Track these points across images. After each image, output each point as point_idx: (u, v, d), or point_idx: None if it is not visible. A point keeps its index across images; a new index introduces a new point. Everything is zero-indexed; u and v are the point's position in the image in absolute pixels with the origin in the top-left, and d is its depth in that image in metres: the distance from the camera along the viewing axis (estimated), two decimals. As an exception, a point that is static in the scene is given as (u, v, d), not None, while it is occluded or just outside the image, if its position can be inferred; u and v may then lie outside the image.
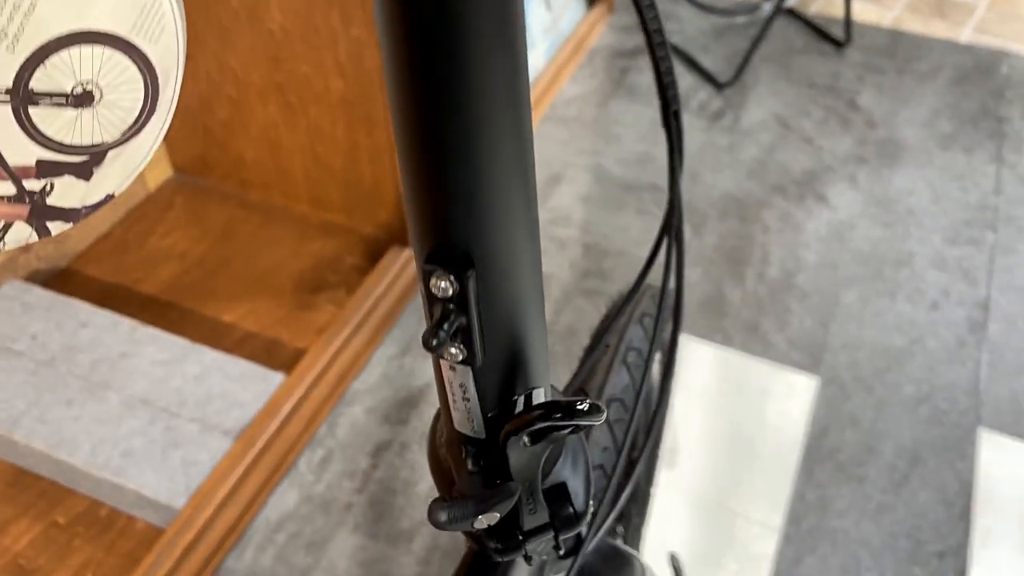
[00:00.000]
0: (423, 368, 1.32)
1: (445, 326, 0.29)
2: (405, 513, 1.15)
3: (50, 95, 0.30)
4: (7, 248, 0.32)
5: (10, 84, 0.29)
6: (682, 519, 1.14)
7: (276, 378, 1.18)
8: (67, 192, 0.32)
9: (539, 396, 0.36)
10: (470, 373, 0.32)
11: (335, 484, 1.18)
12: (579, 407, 0.31)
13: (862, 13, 2.08)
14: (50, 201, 0.32)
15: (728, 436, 1.24)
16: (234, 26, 1.31)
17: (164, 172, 1.59)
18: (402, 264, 1.38)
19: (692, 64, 1.90)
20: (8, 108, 0.29)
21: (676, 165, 0.49)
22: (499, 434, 0.33)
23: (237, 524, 1.11)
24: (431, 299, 0.30)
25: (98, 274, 1.43)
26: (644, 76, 1.89)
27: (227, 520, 1.09)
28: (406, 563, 1.10)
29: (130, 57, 0.31)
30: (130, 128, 0.32)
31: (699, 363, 1.33)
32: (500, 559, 0.39)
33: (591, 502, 0.40)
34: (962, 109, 1.82)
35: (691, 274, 1.47)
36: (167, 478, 1.07)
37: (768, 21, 1.89)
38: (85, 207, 0.33)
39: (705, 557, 1.11)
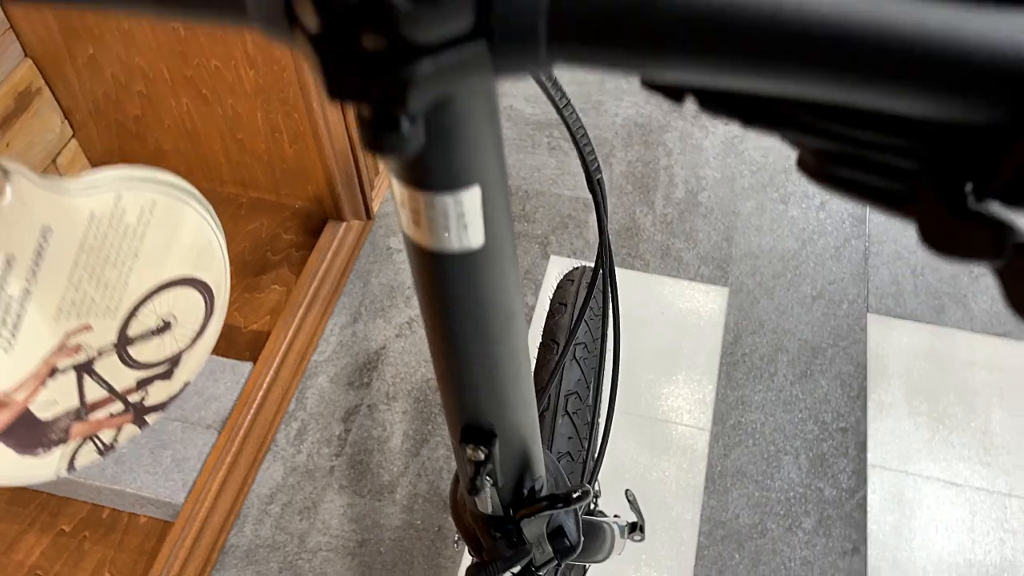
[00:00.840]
0: (375, 332, 1.43)
1: (477, 481, 0.41)
2: (383, 468, 1.28)
3: (141, 335, 0.39)
4: (119, 445, 0.41)
5: (115, 339, 0.38)
6: (626, 437, 1.31)
7: (244, 368, 1.28)
8: (157, 393, 0.42)
9: (540, 482, 0.47)
10: (495, 490, 0.43)
11: (314, 452, 1.30)
12: (575, 496, 0.43)
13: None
14: (146, 403, 0.41)
15: (655, 354, 1.40)
16: (136, 28, 1.31)
17: (82, 167, 1.59)
18: (339, 238, 1.46)
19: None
20: (114, 355, 0.38)
21: (604, 225, 0.60)
22: (514, 512, 0.45)
23: (234, 505, 1.23)
24: (467, 462, 0.41)
25: (41, 285, 1.46)
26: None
27: (225, 504, 1.21)
28: (392, 512, 1.24)
29: (194, 287, 0.40)
30: (197, 334, 0.42)
31: (622, 291, 1.47)
32: None
33: (580, 534, 0.52)
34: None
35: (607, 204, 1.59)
36: (163, 477, 1.17)
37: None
38: (170, 398, 0.42)
39: (651, 466, 1.28)
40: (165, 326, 0.39)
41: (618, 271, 1.50)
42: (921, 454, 1.28)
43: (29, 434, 0.36)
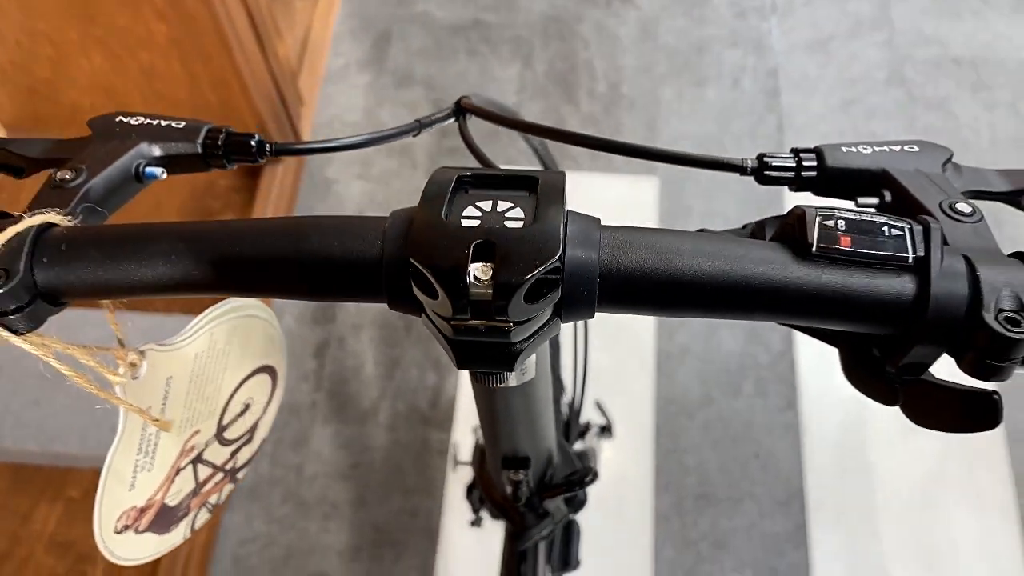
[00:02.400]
0: (330, 264, 1.48)
1: (518, 492, 0.50)
2: (362, 394, 1.38)
3: (231, 420, 0.47)
4: (222, 501, 0.49)
5: (215, 431, 0.45)
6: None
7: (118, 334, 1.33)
8: (244, 455, 0.50)
9: (556, 464, 0.57)
10: (528, 488, 0.53)
11: (295, 389, 1.39)
12: (587, 480, 0.54)
13: None
14: (237, 466, 0.49)
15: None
16: (32, -7, 1.26)
17: (-4, 136, 1.55)
18: (278, 179, 1.48)
19: None
20: (215, 442, 0.46)
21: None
22: (539, 495, 0.55)
23: (231, 450, 1.32)
24: (509, 480, 0.51)
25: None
26: None
27: (223, 451, 1.29)
28: (377, 434, 1.35)
29: (264, 372, 0.48)
30: (268, 404, 0.49)
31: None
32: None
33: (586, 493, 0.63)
34: None
35: (533, 108, 1.63)
36: (161, 438, 1.24)
37: None
38: (253, 455, 0.50)
39: (607, 361, 1.41)
40: (246, 408, 0.47)
41: (553, 175, 1.57)
42: (839, 311, 1.45)
43: (165, 519, 0.44)
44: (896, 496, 1.32)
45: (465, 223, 0.28)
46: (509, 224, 0.28)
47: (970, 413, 0.29)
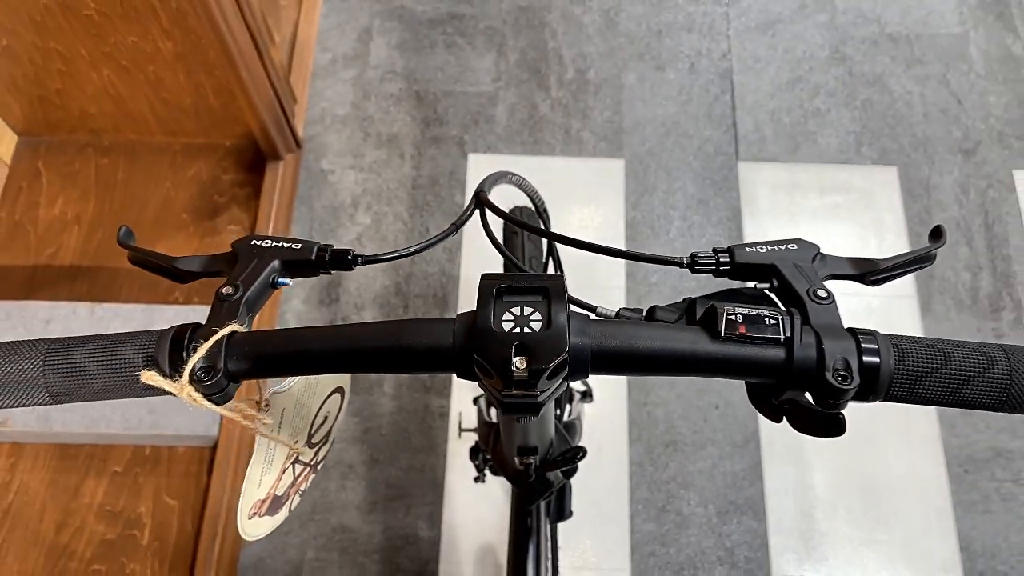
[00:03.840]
0: (330, 250, 1.63)
1: (528, 471, 0.67)
2: (367, 367, 1.55)
3: (316, 429, 0.63)
4: (308, 489, 0.66)
5: (307, 438, 0.62)
6: (558, 303, 1.60)
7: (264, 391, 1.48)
8: (322, 452, 0.66)
9: (556, 445, 0.74)
10: (535, 465, 0.70)
11: (307, 365, 1.55)
12: (578, 457, 0.71)
13: None
14: (318, 461, 0.66)
15: (570, 230, 1.66)
16: (47, 19, 1.37)
17: (11, 141, 1.66)
18: (281, 175, 1.62)
19: None
20: (307, 446, 0.62)
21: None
22: (542, 468, 0.73)
23: (255, 423, 1.49)
24: (522, 463, 0.67)
25: (11, 260, 1.59)
26: None
27: (249, 425, 1.46)
28: (383, 403, 1.53)
29: (336, 391, 0.64)
30: (338, 414, 0.66)
31: (535, 174, 1.70)
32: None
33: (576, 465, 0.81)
34: None
35: (509, 96, 1.77)
36: (194, 416, 1.41)
37: None
38: (328, 451, 0.67)
39: (581, 324, 1.58)
40: (325, 419, 0.63)
41: (529, 160, 1.72)
42: (787, 275, 1.63)
43: (275, 505, 0.61)
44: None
45: (505, 327, 0.44)
46: (533, 325, 0.44)
47: (827, 426, 0.47)
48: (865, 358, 0.44)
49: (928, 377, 0.44)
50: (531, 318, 0.45)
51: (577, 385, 1.28)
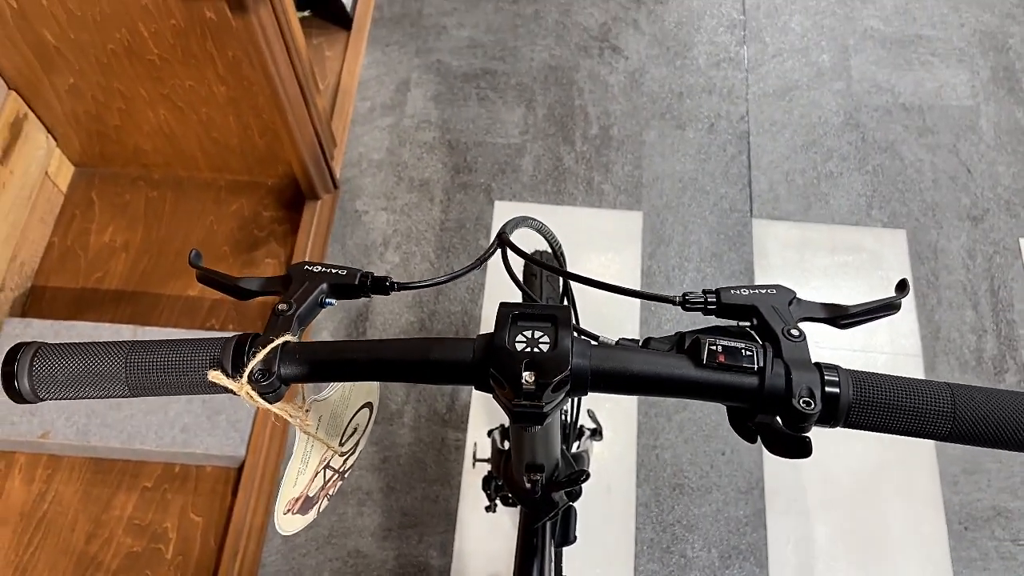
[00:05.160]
0: (359, 286, 1.72)
1: (535, 488, 0.74)
2: (390, 399, 1.62)
3: (348, 438, 0.70)
4: (335, 494, 0.74)
5: (337, 446, 0.69)
6: (574, 346, 1.67)
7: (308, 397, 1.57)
8: (350, 462, 0.74)
9: (562, 467, 0.81)
10: (541, 484, 0.77)
11: (331, 394, 1.63)
12: (582, 479, 0.78)
13: None
14: (345, 468, 0.73)
15: (588, 275, 1.73)
16: (114, 62, 1.49)
17: (68, 171, 1.78)
18: (317, 214, 1.72)
19: (484, -68, 2.13)
20: (337, 454, 0.70)
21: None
22: (548, 488, 0.79)
23: (281, 448, 1.56)
24: (529, 480, 0.74)
25: (62, 283, 1.69)
26: (446, -47, 2.11)
27: (276, 448, 1.54)
28: (403, 433, 1.59)
29: (366, 406, 0.72)
30: (366, 427, 0.73)
31: (557, 224, 1.79)
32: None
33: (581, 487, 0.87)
34: (710, -73, 2.17)
35: (535, 148, 1.87)
36: (223, 436, 1.49)
37: None
38: (355, 461, 0.74)
39: (595, 367, 1.65)
40: (355, 430, 0.71)
41: (552, 208, 1.81)
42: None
43: (306, 505, 0.68)
44: (840, 487, 1.56)
45: (518, 346, 0.52)
46: (542, 346, 0.52)
47: (795, 448, 0.53)
48: (827, 388, 0.51)
49: (882, 408, 0.51)
50: (540, 340, 0.52)
51: (588, 423, 1.35)
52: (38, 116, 1.64)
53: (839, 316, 0.58)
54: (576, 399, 1.13)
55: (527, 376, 0.51)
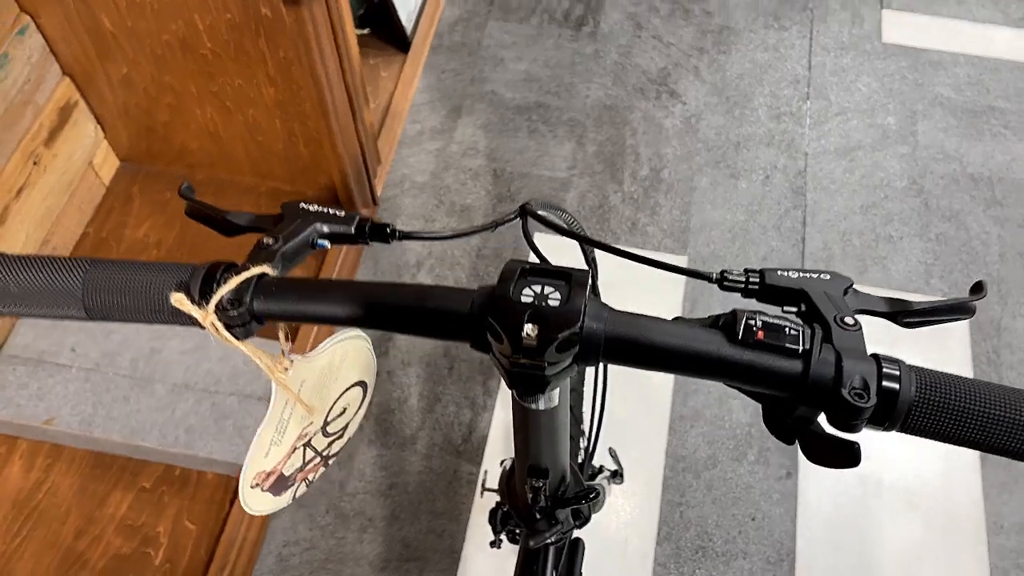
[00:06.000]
0: (387, 306, 1.67)
1: (538, 497, 0.66)
2: (404, 424, 1.55)
3: (334, 418, 0.64)
4: (316, 480, 0.66)
5: (322, 424, 0.62)
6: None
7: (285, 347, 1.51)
8: (335, 447, 0.67)
9: (567, 483, 0.73)
10: (544, 496, 0.69)
11: (345, 413, 1.56)
12: (592, 496, 0.69)
13: None
14: (330, 454, 0.66)
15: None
16: (168, 54, 1.49)
17: (112, 164, 1.78)
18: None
19: (552, -29, 2.13)
20: (320, 433, 0.63)
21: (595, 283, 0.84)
22: (552, 504, 0.71)
23: (285, 461, 1.49)
24: (531, 487, 0.67)
25: (91, 274, 1.67)
26: (512, -12, 2.11)
27: (279, 461, 1.47)
28: (414, 460, 1.52)
29: (359, 385, 0.65)
30: (357, 411, 0.66)
31: (599, 264, 1.72)
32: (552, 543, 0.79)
33: (590, 510, 0.79)
34: (780, -16, 2.15)
35: (582, 184, 1.82)
36: (228, 442, 1.42)
37: (612, -81, 2.11)
38: (341, 448, 0.67)
39: (625, 414, 1.56)
40: (344, 410, 0.64)
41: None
42: (842, 395, 1.58)
43: (280, 485, 0.61)
44: (879, 571, 1.43)
45: (524, 299, 0.45)
46: (551, 302, 0.45)
47: (841, 455, 0.45)
48: (885, 382, 0.43)
49: (949, 412, 0.43)
50: (550, 296, 0.46)
51: (608, 462, 1.26)
52: (89, 105, 1.64)
53: (902, 312, 0.50)
54: (597, 423, 1.04)
55: (529, 329, 0.44)
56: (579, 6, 2.09)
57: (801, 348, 0.44)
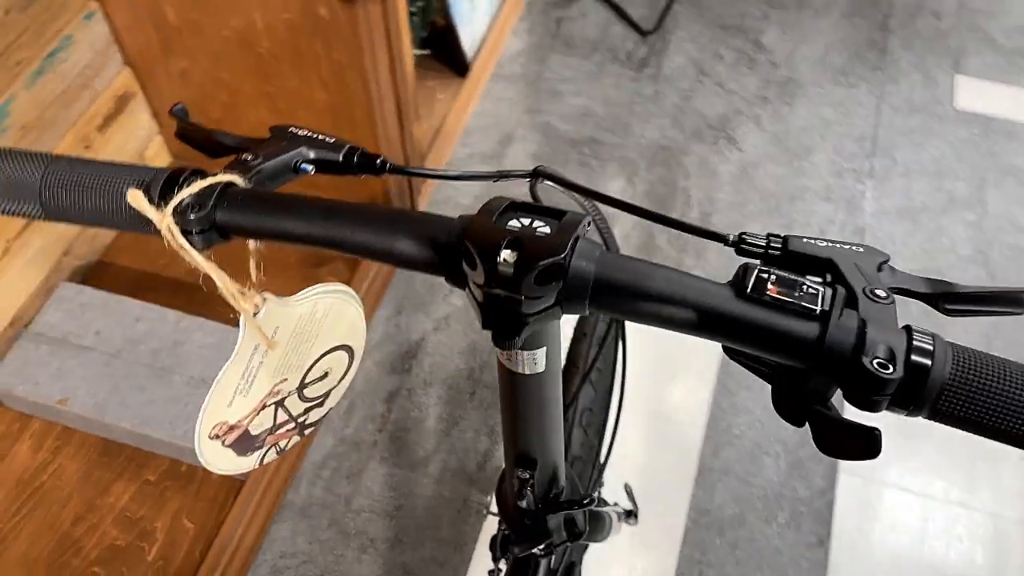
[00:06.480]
0: (415, 324, 1.63)
1: (524, 491, 0.60)
2: (419, 444, 1.49)
3: (312, 381, 0.59)
4: (288, 447, 0.62)
5: (298, 385, 0.58)
6: (629, 430, 1.51)
7: (255, 276, 1.48)
8: (313, 415, 0.62)
9: (561, 488, 0.67)
10: (532, 496, 0.63)
11: (361, 427, 1.51)
12: (585, 502, 0.63)
13: (768, -55, 2.30)
14: (307, 422, 0.61)
15: (662, 359, 1.59)
16: (226, 50, 1.50)
17: (164, 160, 1.79)
18: (390, 240, 1.66)
19: (619, 12, 2.12)
20: (296, 395, 0.58)
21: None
22: (543, 510, 0.65)
23: (293, 468, 1.44)
24: (517, 478, 0.61)
25: (129, 263, 1.67)
26: (576, 26, 2.11)
27: (286, 466, 1.42)
28: (425, 483, 1.45)
29: (344, 350, 0.60)
30: (342, 378, 0.62)
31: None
32: (540, 557, 0.72)
33: (586, 522, 0.72)
34: (851, 42, 2.10)
35: (627, 221, 1.77)
36: (236, 442, 1.38)
37: (684, -34, 2.10)
38: (320, 418, 0.63)
39: (649, 457, 1.48)
40: (325, 375, 0.59)
41: (634, 283, 1.69)
42: (885, 463, 1.48)
43: (246, 444, 0.56)
44: (912, 657, 1.31)
45: (507, 227, 0.40)
46: (537, 233, 0.40)
47: (856, 443, 0.39)
48: (915, 356, 0.37)
49: (990, 398, 0.36)
50: (538, 228, 0.41)
51: (624, 501, 1.18)
52: (147, 97, 1.66)
53: (945, 295, 0.43)
54: (612, 433, 0.97)
55: (507, 254, 0.39)
56: (643, 48, 2.07)
57: (820, 309, 0.38)
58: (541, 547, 0.66)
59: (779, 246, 0.45)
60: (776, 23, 2.13)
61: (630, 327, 0.72)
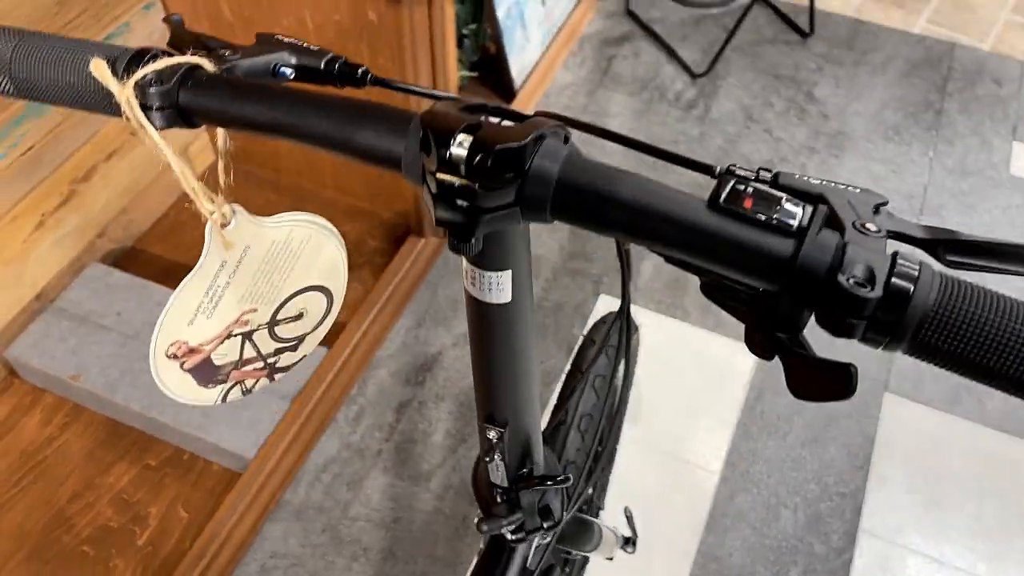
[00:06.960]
0: (434, 337, 1.61)
1: (492, 452, 0.57)
2: (424, 458, 1.46)
3: (285, 319, 0.57)
4: (256, 391, 0.59)
5: (268, 320, 0.56)
6: (642, 466, 1.46)
7: (321, 351, 1.47)
8: (286, 360, 0.60)
9: (537, 467, 0.63)
10: (503, 465, 0.60)
11: (367, 434, 1.48)
12: (559, 479, 0.59)
13: (827, 2, 2.29)
14: (278, 365, 0.59)
15: (683, 398, 1.54)
16: (275, 49, 1.53)
17: (208, 158, 1.82)
18: (418, 251, 1.65)
19: (671, 54, 2.12)
20: (266, 330, 0.56)
21: (627, 288, 0.76)
22: (515, 485, 0.61)
23: (293, 467, 1.42)
24: (486, 437, 0.58)
25: (161, 252, 1.69)
26: (627, 64, 2.11)
27: (287, 465, 1.40)
28: (426, 498, 1.41)
29: (322, 292, 0.58)
30: (318, 324, 0.60)
31: (662, 334, 1.62)
32: (513, 542, 0.68)
33: (564, 510, 0.68)
34: (907, 101, 2.06)
35: (656, 259, 1.74)
36: (240, 433, 1.37)
37: (742, 15, 2.10)
38: (292, 363, 0.60)
39: (662, 496, 1.42)
40: (300, 316, 0.57)
41: (660, 319, 1.65)
42: (911, 528, 1.39)
43: (207, 373, 0.54)
44: None
45: (470, 116, 0.38)
46: (500, 124, 0.38)
47: (830, 380, 0.35)
48: (896, 279, 0.33)
49: (978, 331, 0.33)
50: (503, 124, 0.39)
51: (624, 528, 1.13)
52: (197, 93, 1.70)
53: (945, 243, 0.39)
54: (611, 463, 0.93)
55: (462, 138, 0.37)
56: (692, 90, 2.06)
57: (797, 225, 0.35)
58: (512, 526, 0.62)
59: (767, 179, 0.41)
60: (831, 77, 2.11)
61: (644, 346, 0.69)
